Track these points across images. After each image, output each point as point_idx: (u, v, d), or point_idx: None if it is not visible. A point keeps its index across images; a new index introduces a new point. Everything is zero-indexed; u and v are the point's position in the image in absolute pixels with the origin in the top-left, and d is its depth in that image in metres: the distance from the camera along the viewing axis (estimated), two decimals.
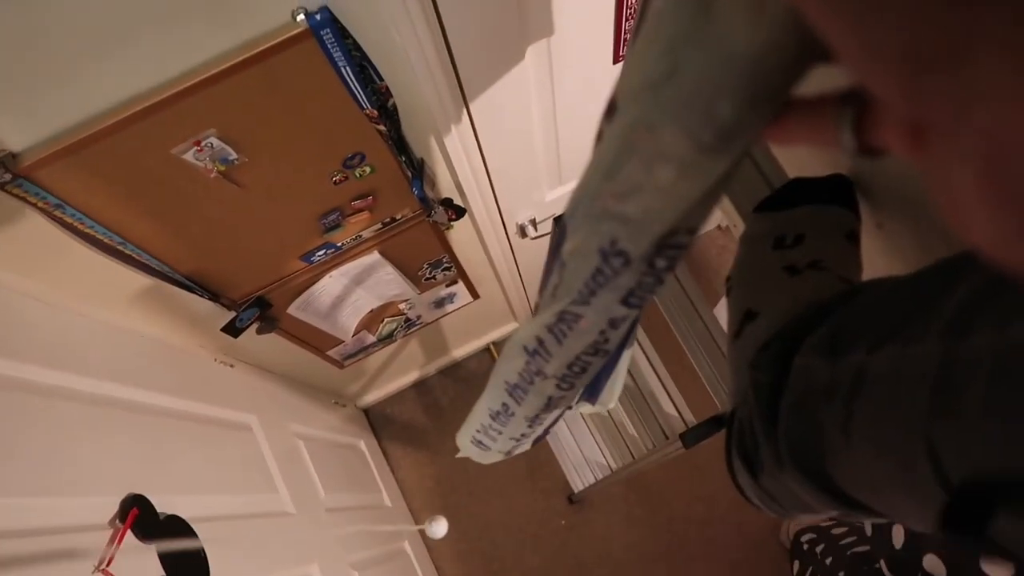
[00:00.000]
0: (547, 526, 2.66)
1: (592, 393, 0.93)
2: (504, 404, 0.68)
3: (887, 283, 0.44)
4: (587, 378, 0.58)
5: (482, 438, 0.82)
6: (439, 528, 1.51)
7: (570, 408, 0.98)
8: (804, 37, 0.26)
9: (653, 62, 0.32)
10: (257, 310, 1.54)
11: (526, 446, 0.87)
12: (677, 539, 2.64)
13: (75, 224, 1.04)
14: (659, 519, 2.61)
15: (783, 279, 0.59)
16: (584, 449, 1.99)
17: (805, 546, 1.60)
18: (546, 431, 0.86)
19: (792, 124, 0.31)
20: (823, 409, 0.40)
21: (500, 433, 0.78)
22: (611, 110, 0.37)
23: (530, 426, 0.73)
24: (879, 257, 0.67)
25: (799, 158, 0.72)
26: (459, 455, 0.93)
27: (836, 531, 1.48)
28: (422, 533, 1.63)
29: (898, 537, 1.19)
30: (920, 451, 0.32)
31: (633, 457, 1.53)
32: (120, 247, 1.14)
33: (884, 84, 0.20)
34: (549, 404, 0.64)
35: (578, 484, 2.26)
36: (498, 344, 2.82)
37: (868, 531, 1.26)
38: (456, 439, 0.90)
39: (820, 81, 0.29)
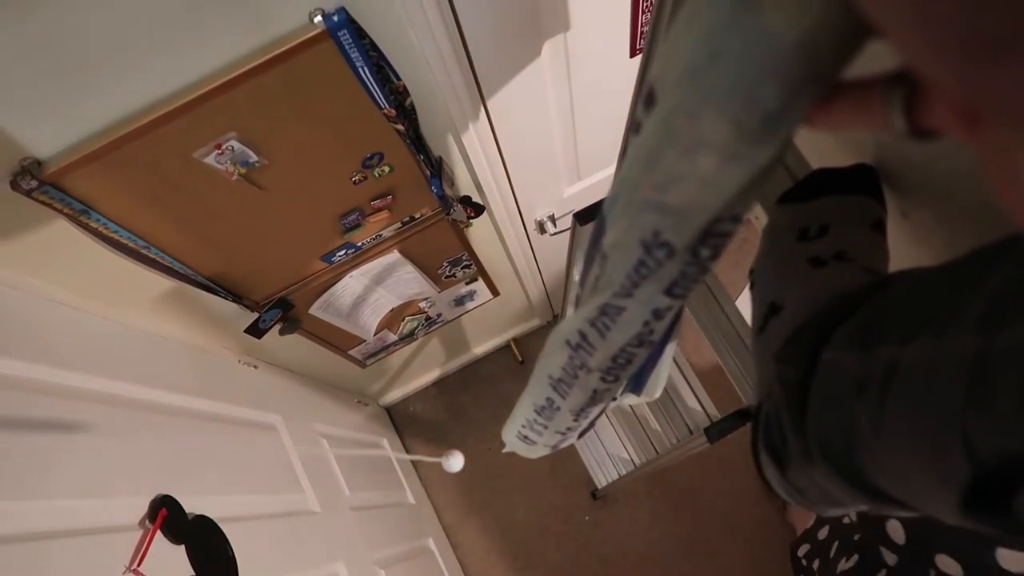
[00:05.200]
0: (570, 522, 2.65)
1: (638, 384, 0.93)
2: (549, 399, 0.68)
3: (917, 273, 0.43)
4: (632, 369, 0.57)
5: (528, 433, 0.83)
6: (455, 462, 1.50)
7: (615, 400, 0.98)
8: (852, 17, 0.25)
9: (692, 48, 0.31)
10: (279, 311, 1.55)
11: (572, 439, 0.86)
12: (702, 534, 2.63)
13: (100, 229, 1.06)
14: (684, 514, 2.60)
15: (808, 271, 0.58)
16: (607, 445, 1.98)
17: (803, 561, 1.58)
18: (591, 424, 0.85)
19: (838, 108, 0.30)
20: (853, 402, 0.40)
21: (546, 428, 0.77)
22: (650, 99, 0.36)
23: (576, 419, 0.73)
24: (906, 247, 0.66)
25: (822, 148, 0.71)
26: (505, 450, 0.93)
27: (829, 546, 1.46)
28: (438, 467, 1.61)
29: (897, 535, 1.16)
30: (954, 444, 0.31)
31: (657, 452, 1.52)
32: (144, 251, 1.16)
33: (941, 70, 0.19)
34: (594, 397, 0.64)
35: (601, 480, 2.25)
36: (519, 340, 2.82)
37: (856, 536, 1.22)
38: (502, 434, 0.90)
39: (863, 65, 0.29)
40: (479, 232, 1.78)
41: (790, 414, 0.47)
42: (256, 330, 1.52)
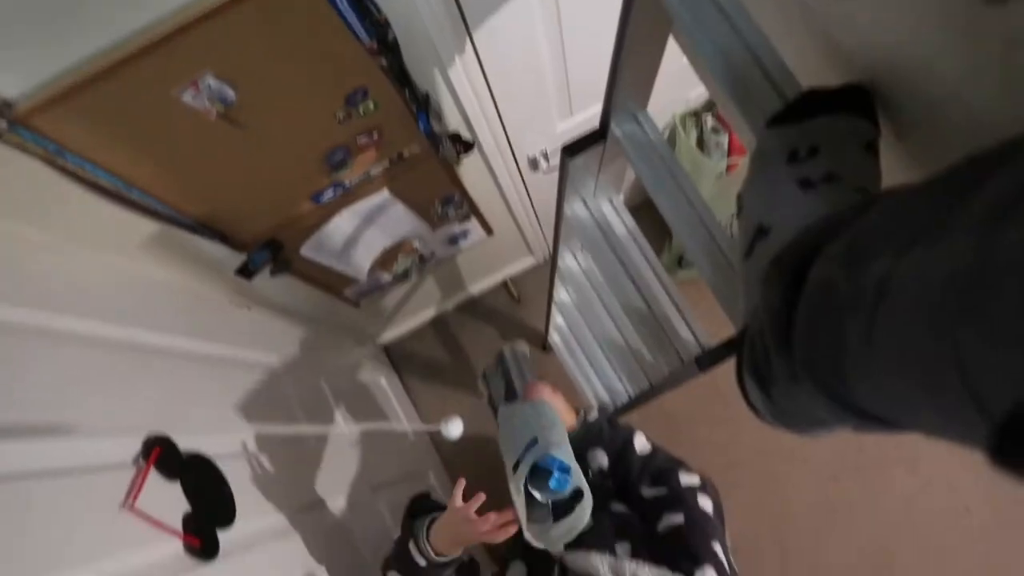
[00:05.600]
0: None
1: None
2: None
3: (908, 188, 0.42)
4: None
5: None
6: (454, 428, 1.51)
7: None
8: None
9: None
10: (269, 252, 1.54)
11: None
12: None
13: (77, 171, 1.04)
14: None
15: (797, 193, 0.57)
16: (601, 377, 2.00)
17: None
18: None
19: None
20: (843, 321, 0.39)
21: None
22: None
23: None
24: (900, 170, 0.64)
25: (813, 67, 0.69)
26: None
27: None
28: (436, 434, 1.66)
29: None
30: (946, 358, 0.30)
31: (651, 384, 1.54)
32: (125, 193, 1.14)
33: None
34: None
35: (596, 414, 2.28)
36: (515, 279, 2.81)
37: None
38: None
39: None
40: (471, 170, 1.76)
41: (775, 334, 0.46)
42: (246, 272, 1.51)
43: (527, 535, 1.12)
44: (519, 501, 1.15)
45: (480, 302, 2.84)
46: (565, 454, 1.14)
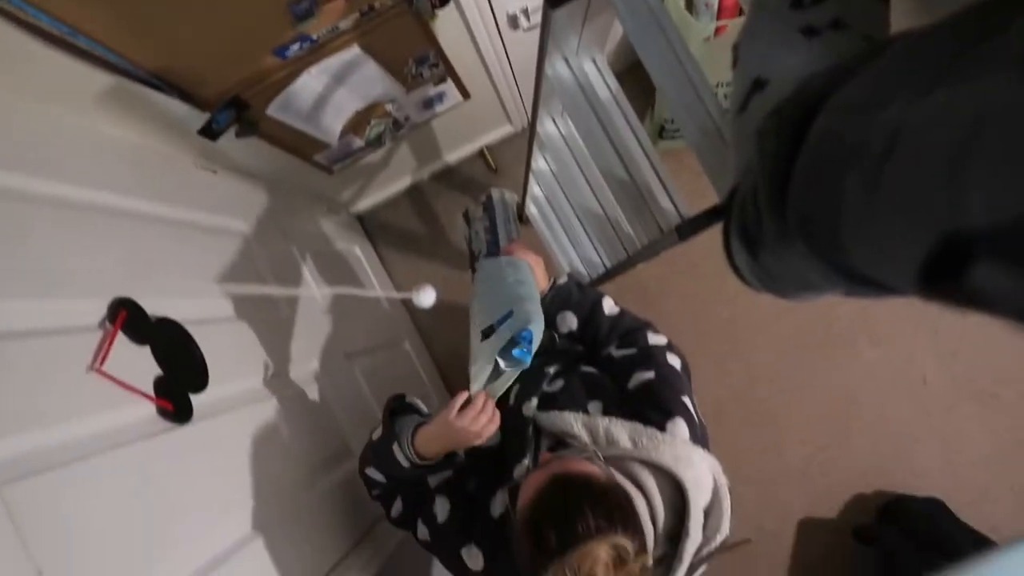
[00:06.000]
0: None
1: None
2: None
3: (919, 32, 0.38)
4: None
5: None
6: (426, 297, 1.50)
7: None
8: None
9: None
10: (234, 111, 1.46)
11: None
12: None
13: (15, 13, 0.94)
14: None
15: (799, 41, 0.53)
16: (578, 248, 1.99)
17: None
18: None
19: None
20: (845, 173, 0.36)
21: None
22: None
23: None
24: (910, 16, 0.60)
25: None
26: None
27: None
28: (408, 302, 1.63)
29: None
30: (953, 199, 0.28)
31: (628, 254, 1.53)
32: (71, 39, 1.05)
33: None
34: None
35: (565, 278, 2.28)
36: (492, 148, 2.74)
37: None
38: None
39: None
40: (446, 27, 1.65)
41: (769, 190, 0.44)
42: (210, 132, 1.44)
43: (473, 391, 1.17)
44: (483, 367, 1.16)
45: (456, 171, 2.77)
46: (538, 329, 1.15)
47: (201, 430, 1.15)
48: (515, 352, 1.12)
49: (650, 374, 1.17)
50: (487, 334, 1.17)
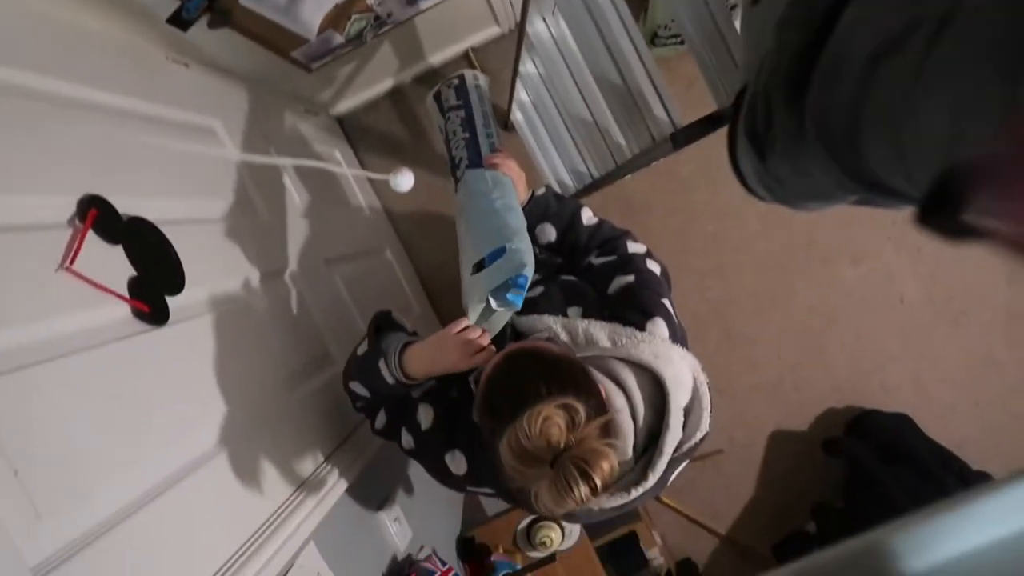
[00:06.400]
0: None
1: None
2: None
3: None
4: None
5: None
6: (404, 180, 1.44)
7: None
8: None
9: None
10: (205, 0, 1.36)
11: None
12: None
13: None
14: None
15: None
16: (564, 157, 1.94)
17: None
18: None
19: None
20: (880, 63, 0.33)
21: None
22: None
23: None
24: None
25: None
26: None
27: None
28: (384, 184, 1.57)
29: None
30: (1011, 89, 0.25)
31: (616, 164, 1.49)
32: None
33: None
34: None
35: (544, 189, 2.24)
36: (477, 50, 2.63)
37: None
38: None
39: None
40: None
41: (788, 85, 0.40)
42: (180, 21, 1.35)
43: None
44: (477, 305, 1.16)
45: (440, 74, 2.66)
46: (530, 271, 1.15)
47: (178, 333, 1.13)
48: (509, 296, 1.12)
49: (630, 278, 1.18)
50: (479, 267, 1.17)
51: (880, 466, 2.44)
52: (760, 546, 2.87)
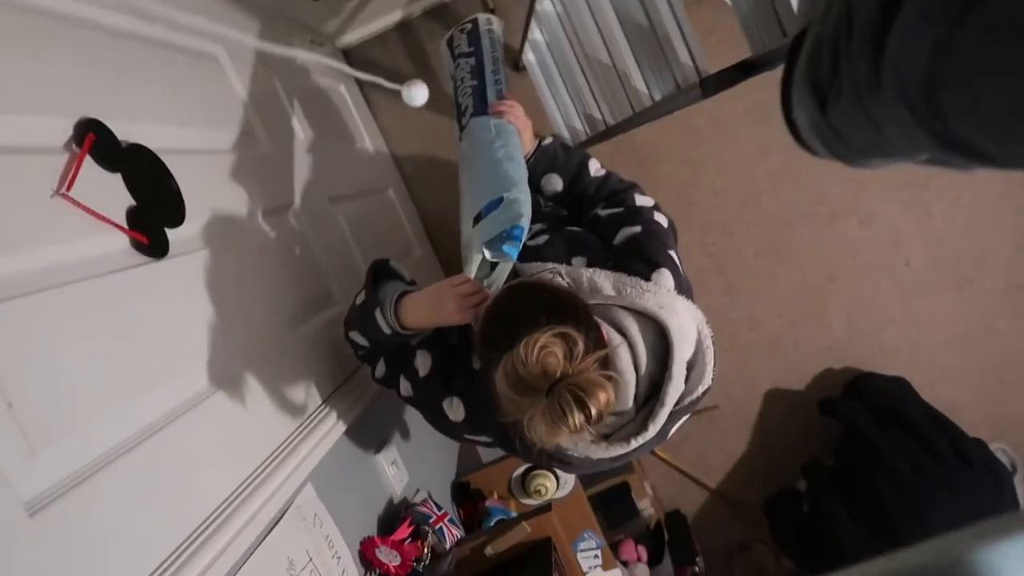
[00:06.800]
0: None
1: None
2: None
3: None
4: None
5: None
6: (418, 92, 1.39)
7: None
8: None
9: None
10: None
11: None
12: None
13: None
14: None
15: None
16: (577, 102, 1.88)
17: None
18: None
19: None
20: (972, 9, 0.30)
21: None
22: None
23: None
24: None
25: None
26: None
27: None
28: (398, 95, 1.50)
29: None
30: None
31: (634, 111, 1.43)
32: None
33: None
34: None
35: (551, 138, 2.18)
36: None
37: None
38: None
39: None
40: None
41: (865, 26, 0.36)
42: None
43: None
44: (475, 257, 1.14)
45: (451, 8, 2.56)
46: (527, 222, 1.13)
47: (177, 267, 1.09)
48: (505, 247, 1.11)
49: (636, 228, 1.17)
50: (477, 219, 1.14)
51: (875, 429, 2.45)
52: (749, 502, 2.91)
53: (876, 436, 2.41)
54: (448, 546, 1.54)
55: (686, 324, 1.00)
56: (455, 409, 1.13)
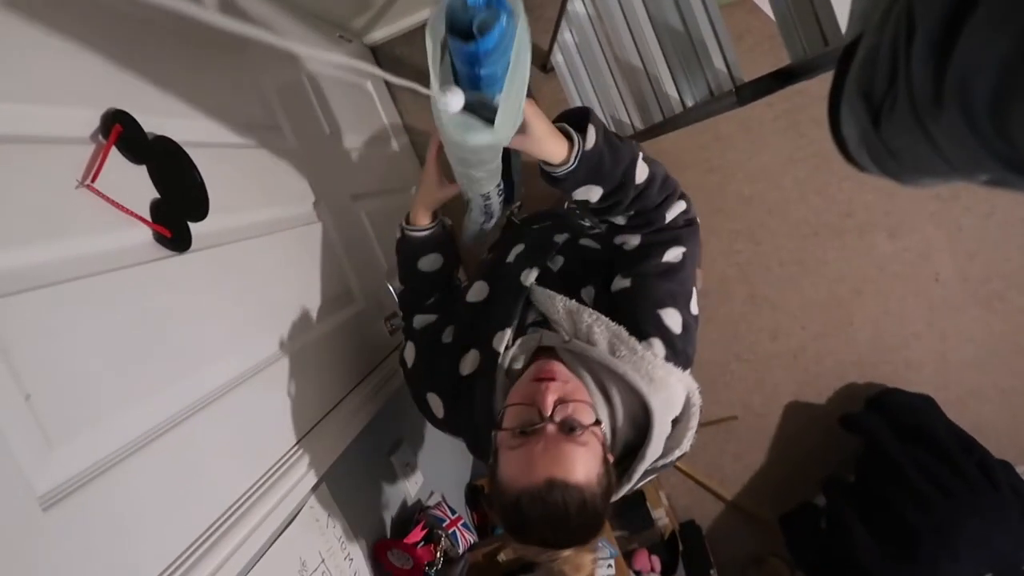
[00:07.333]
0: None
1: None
2: None
3: None
4: None
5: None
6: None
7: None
8: None
9: None
10: None
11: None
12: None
13: None
14: None
15: None
16: (605, 107, 1.85)
17: None
18: None
19: None
20: None
21: None
22: None
23: None
24: None
25: None
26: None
27: None
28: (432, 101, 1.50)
29: None
30: None
31: (664, 118, 1.41)
32: None
33: None
34: None
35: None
36: None
37: None
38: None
39: None
40: None
41: (934, 30, 0.34)
42: None
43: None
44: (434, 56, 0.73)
45: None
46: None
47: (200, 260, 1.09)
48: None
49: (650, 268, 1.09)
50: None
51: (898, 445, 2.39)
52: (766, 514, 2.86)
53: (898, 452, 2.35)
54: (461, 551, 1.53)
55: (675, 395, 1.00)
56: (435, 405, 1.17)
